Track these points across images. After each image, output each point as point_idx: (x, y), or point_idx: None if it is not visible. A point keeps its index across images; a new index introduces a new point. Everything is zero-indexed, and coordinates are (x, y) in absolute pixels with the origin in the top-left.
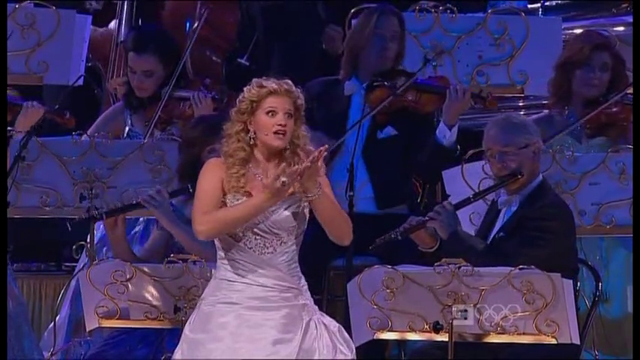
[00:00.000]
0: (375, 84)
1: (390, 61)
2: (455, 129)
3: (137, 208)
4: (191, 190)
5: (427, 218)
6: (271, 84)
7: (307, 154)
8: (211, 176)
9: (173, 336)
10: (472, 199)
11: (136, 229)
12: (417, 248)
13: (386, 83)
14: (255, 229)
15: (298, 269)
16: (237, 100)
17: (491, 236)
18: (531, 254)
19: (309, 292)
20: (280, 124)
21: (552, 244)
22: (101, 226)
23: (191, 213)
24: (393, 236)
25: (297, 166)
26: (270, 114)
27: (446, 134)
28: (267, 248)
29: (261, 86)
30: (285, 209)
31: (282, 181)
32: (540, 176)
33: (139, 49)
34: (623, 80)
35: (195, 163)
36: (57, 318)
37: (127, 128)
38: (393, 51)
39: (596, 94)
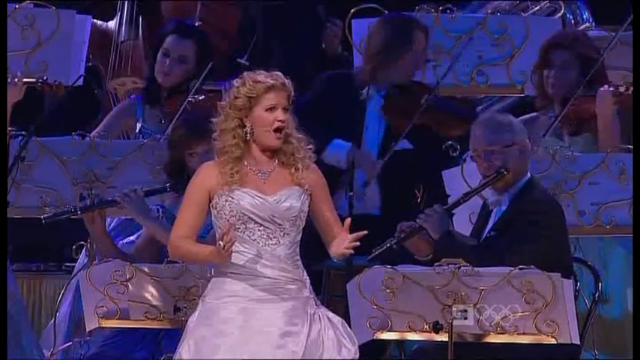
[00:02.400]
0: (397, 96)
1: (412, 76)
2: None
3: (112, 204)
4: (168, 190)
5: (418, 223)
6: (267, 79)
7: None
8: (197, 187)
9: (171, 336)
10: (462, 201)
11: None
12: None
13: (404, 96)
14: (258, 220)
15: (300, 262)
16: (231, 96)
17: (484, 236)
18: (523, 251)
19: (311, 286)
20: (280, 120)
21: (543, 239)
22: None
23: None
24: (388, 245)
25: (234, 234)
26: (269, 110)
27: None
28: (271, 239)
29: (257, 81)
30: (286, 200)
31: (218, 244)
32: (528, 174)
33: (182, 33)
34: (598, 76)
35: (180, 163)
36: (57, 314)
37: (138, 125)
38: (419, 66)
39: (561, 93)
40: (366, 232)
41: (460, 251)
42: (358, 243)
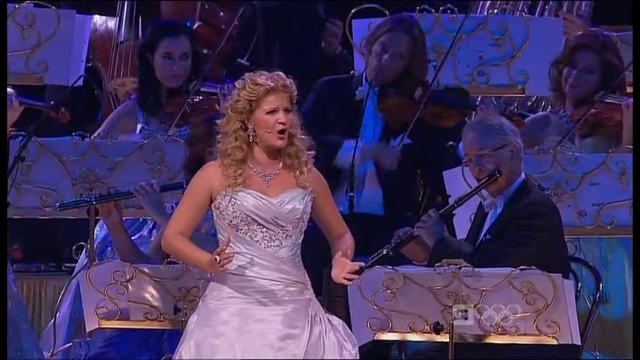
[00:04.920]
0: (389, 92)
1: (390, 71)
2: None
3: (128, 196)
4: (185, 186)
5: (415, 229)
6: (268, 81)
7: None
8: (199, 187)
9: (173, 338)
10: (456, 205)
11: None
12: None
13: (397, 92)
14: (261, 222)
15: (302, 264)
16: (232, 98)
17: (479, 240)
18: (517, 254)
19: (312, 288)
20: (282, 122)
21: (538, 241)
22: (104, 225)
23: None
24: (384, 252)
25: (231, 251)
26: (270, 113)
27: None
28: (274, 241)
29: (257, 84)
30: (289, 202)
31: (214, 258)
32: (523, 175)
33: (175, 32)
34: (619, 84)
35: (199, 160)
36: (57, 315)
37: (139, 125)
38: (393, 60)
39: (578, 94)
40: (363, 263)
41: (455, 257)
42: (357, 276)
